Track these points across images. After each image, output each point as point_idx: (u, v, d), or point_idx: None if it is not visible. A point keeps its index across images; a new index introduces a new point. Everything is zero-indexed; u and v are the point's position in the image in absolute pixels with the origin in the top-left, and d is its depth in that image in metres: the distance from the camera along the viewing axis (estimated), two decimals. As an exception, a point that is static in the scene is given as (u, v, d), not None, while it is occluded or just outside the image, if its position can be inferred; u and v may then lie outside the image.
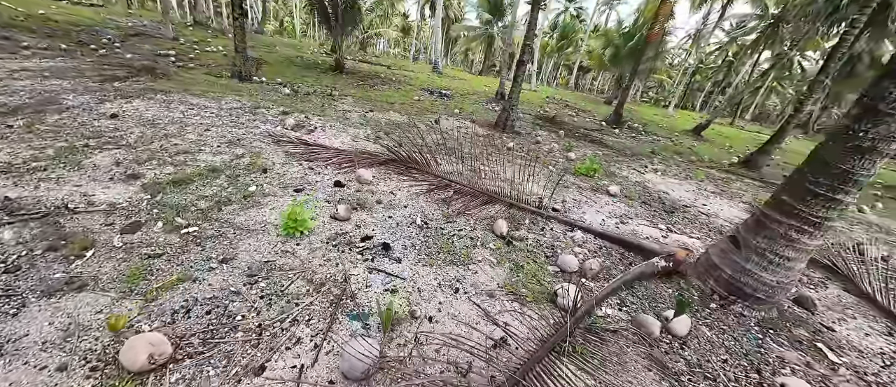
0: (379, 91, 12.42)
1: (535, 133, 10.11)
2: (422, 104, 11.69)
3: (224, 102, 5.94)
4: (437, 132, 7.90)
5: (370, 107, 9.43)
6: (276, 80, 10.50)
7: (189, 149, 3.92)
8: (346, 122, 6.77)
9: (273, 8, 53.52)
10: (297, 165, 4.22)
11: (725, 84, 33.70)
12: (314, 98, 8.79)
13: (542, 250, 3.41)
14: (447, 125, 9.02)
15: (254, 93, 7.45)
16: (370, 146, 5.50)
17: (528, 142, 8.73)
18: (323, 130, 5.69)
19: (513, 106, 9.34)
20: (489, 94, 16.61)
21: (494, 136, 8.71)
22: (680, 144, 13.16)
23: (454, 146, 6.72)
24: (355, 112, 8.17)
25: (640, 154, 9.61)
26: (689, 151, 11.63)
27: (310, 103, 7.72)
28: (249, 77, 8.89)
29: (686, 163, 9.47)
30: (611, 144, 10.64)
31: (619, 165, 7.88)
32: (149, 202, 2.98)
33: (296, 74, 12.69)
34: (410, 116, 9.23)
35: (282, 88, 8.66)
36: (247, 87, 8.11)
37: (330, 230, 3.11)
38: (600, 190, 5.71)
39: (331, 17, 13.52)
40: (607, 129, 14.10)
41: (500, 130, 9.38)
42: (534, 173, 5.72)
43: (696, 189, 6.90)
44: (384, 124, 7.51)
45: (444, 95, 14.32)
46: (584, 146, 9.40)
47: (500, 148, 7.55)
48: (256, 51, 15.94)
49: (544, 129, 11.10)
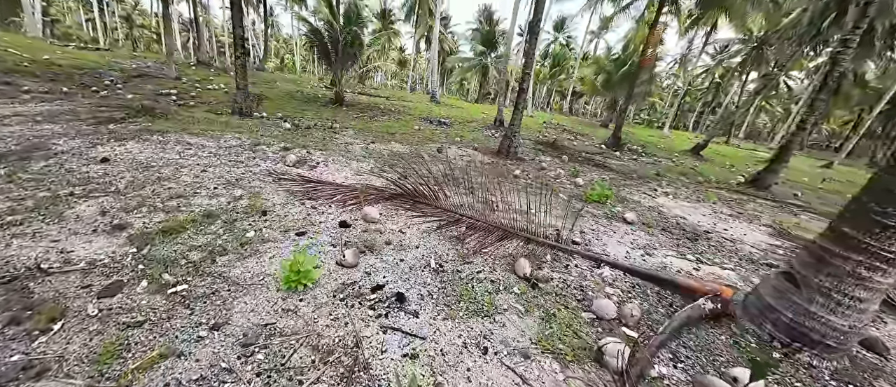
0: (379, 122, 12.35)
1: (538, 159, 9.92)
2: (423, 133, 11.58)
3: (223, 140, 5.71)
4: (442, 161, 7.68)
5: (372, 138, 9.27)
6: (276, 115, 10.40)
7: (183, 192, 3.62)
8: (348, 155, 6.54)
9: (274, 47, 55.18)
10: (299, 205, 3.92)
11: (715, 104, 34.29)
12: (315, 132, 8.63)
13: (572, 293, 3.05)
14: (450, 154, 8.83)
15: (254, 129, 7.27)
16: (375, 180, 5.23)
17: (532, 168, 8.51)
18: (325, 165, 5.44)
19: (515, 132, 9.21)
20: (488, 121, 16.64)
21: (499, 163, 8.50)
22: (682, 165, 13.02)
23: (460, 176, 6.48)
24: (357, 144, 7.98)
25: (646, 177, 9.39)
26: (694, 172, 11.45)
27: (311, 138, 7.53)
28: (250, 113, 8.76)
29: (693, 184, 9.25)
30: (615, 167, 10.45)
31: (628, 190, 7.62)
32: (134, 257, 2.64)
33: (296, 108, 12.65)
34: (412, 146, 9.05)
35: (283, 123, 8.51)
36: (247, 123, 7.94)
37: (337, 280, 2.76)
38: (616, 218, 5.40)
39: (330, 52, 13.69)
40: (608, 152, 14.00)
41: (503, 157, 9.19)
42: (546, 202, 5.44)
43: (712, 212, 6.61)
44: (387, 156, 7.29)
45: (444, 124, 14.30)
46: (590, 170, 9.19)
47: (507, 175, 7.31)
48: (258, 87, 16.05)
49: (547, 154, 10.94)
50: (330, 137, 8.17)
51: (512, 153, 9.26)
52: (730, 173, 12.75)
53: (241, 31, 8.10)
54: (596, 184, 6.82)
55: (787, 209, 7.81)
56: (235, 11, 7.97)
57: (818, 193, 10.92)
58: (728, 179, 10.97)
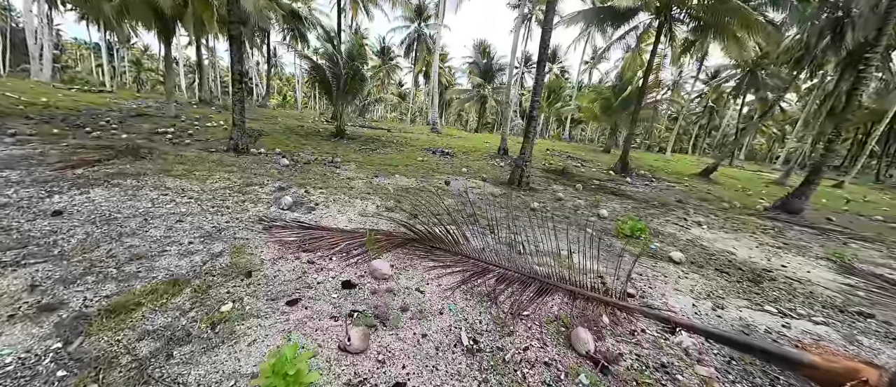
0: (382, 155, 11.80)
1: (551, 188, 9.26)
2: (427, 165, 10.99)
3: (210, 182, 5.03)
4: (452, 195, 6.99)
5: (375, 172, 8.64)
6: (275, 150, 9.83)
7: (148, 252, 2.88)
8: (350, 192, 5.85)
9: (277, 85, 56.30)
10: (292, 260, 3.16)
11: (711, 127, 34.31)
12: (315, 167, 8.00)
13: (656, 379, 2.24)
14: (458, 186, 8.17)
15: (248, 167, 6.61)
16: (382, 222, 4.50)
17: (548, 199, 7.82)
18: (326, 207, 4.73)
19: (526, 162, 8.60)
20: (491, 150, 16.16)
21: (512, 195, 7.81)
22: (697, 189, 12.37)
23: (475, 212, 5.76)
24: (360, 179, 7.32)
25: (667, 204, 8.69)
26: (713, 197, 10.77)
27: (310, 174, 6.87)
28: (246, 149, 8.17)
29: (720, 211, 8.54)
30: (631, 194, 9.78)
31: (655, 220, 6.90)
32: (55, 358, 1.85)
33: (296, 143, 12.14)
34: (418, 179, 8.41)
35: (280, 159, 7.90)
36: (241, 161, 7.31)
37: (340, 378, 1.96)
38: (658, 256, 4.63)
39: (332, 87, 13.40)
40: (618, 178, 13.39)
41: (515, 188, 8.53)
42: (575, 239, 4.68)
43: (758, 244, 5.85)
44: (393, 191, 6.61)
45: (447, 154, 13.77)
46: (608, 199, 8.50)
47: (524, 209, 6.59)
48: (258, 123, 15.67)
49: (558, 182, 10.30)
50: (331, 173, 7.53)
51: (524, 183, 8.61)
52: (748, 197, 12.08)
53: (239, 66, 7.67)
54: (626, 217, 6.08)
55: (830, 237, 7.05)
56: (234, 47, 7.58)
57: (848, 216, 10.20)
58: (751, 203, 10.27)
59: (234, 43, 7.52)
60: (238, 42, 7.52)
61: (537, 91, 8.28)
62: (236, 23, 7.40)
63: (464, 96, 30.54)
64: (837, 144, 8.23)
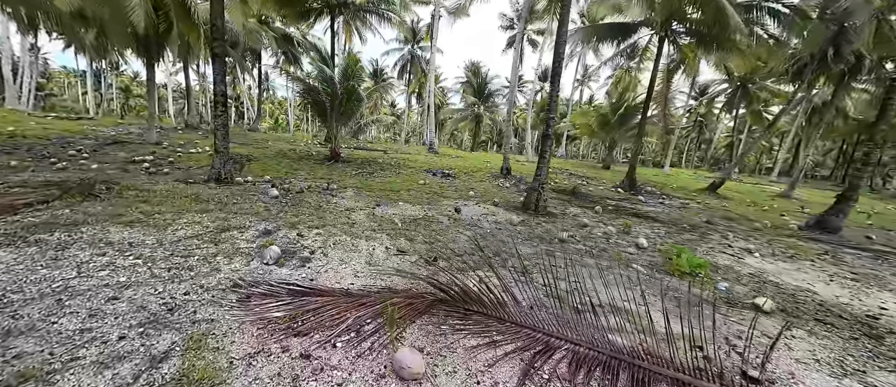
0: (381, 178, 10.82)
1: (569, 212, 8.37)
2: (430, 188, 10.04)
3: (173, 228, 3.93)
4: (466, 226, 6.02)
5: (376, 199, 7.65)
6: (264, 177, 8.78)
7: (44, 361, 1.80)
8: (353, 230, 4.81)
9: (269, 108, 55.44)
10: (278, 356, 2.11)
11: (701, 141, 34.39)
12: (309, 197, 6.96)
13: None
14: (470, 213, 7.21)
15: (229, 202, 5.51)
16: (397, 277, 3.47)
17: (572, 225, 6.89)
18: (324, 255, 3.69)
19: (542, 185, 7.71)
20: (492, 169, 15.34)
21: (531, 222, 6.87)
22: (714, 206, 11.64)
23: (499, 247, 4.79)
24: (361, 210, 6.31)
25: (698, 227, 7.85)
26: (738, 216, 10.01)
27: (303, 208, 5.81)
28: (230, 178, 7.11)
29: (755, 232, 7.73)
30: (654, 215, 8.94)
31: (696, 247, 6.01)
32: None
33: (288, 168, 11.10)
34: (425, 206, 7.43)
35: (269, 189, 6.85)
36: (223, 193, 6.23)
37: None
38: (738, 303, 3.69)
39: (327, 109, 12.53)
40: (627, 195, 12.63)
41: (532, 213, 7.60)
42: (626, 279, 3.72)
43: (829, 276, 4.97)
44: (400, 224, 5.60)
45: (449, 176, 12.87)
46: (636, 223, 7.61)
47: (552, 241, 5.64)
48: (247, 147, 14.62)
49: (573, 204, 9.42)
50: (326, 204, 6.50)
51: (541, 208, 7.69)
52: (770, 214, 11.37)
53: (223, 87, 6.72)
54: (672, 247, 5.16)
55: (889, 260, 6.24)
56: (217, 65, 6.65)
57: (881, 232, 9.49)
58: (779, 221, 9.49)
59: (218, 61, 6.59)
60: (222, 61, 6.60)
61: (553, 107, 7.50)
62: (220, 40, 6.50)
63: (458, 116, 30.07)
64: (875, 156, 7.58)
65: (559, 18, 7.27)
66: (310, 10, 19.50)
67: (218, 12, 6.38)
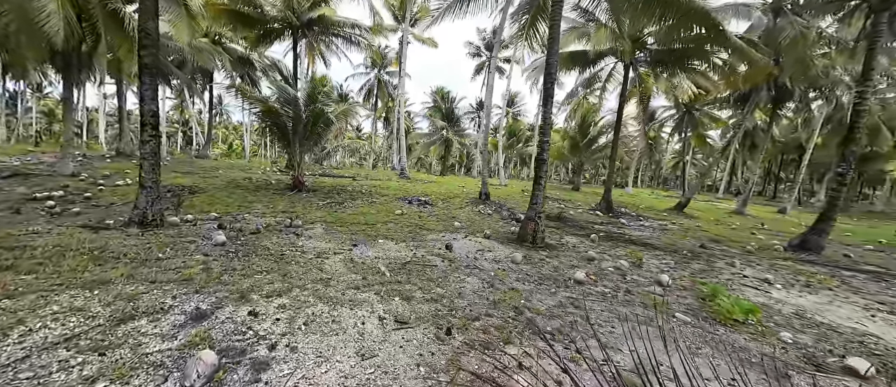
0: (352, 209, 9.50)
1: (566, 241, 7.65)
2: (409, 219, 8.93)
3: (29, 325, 2.36)
4: (464, 268, 4.98)
5: (350, 236, 6.39)
6: (209, 215, 7.16)
7: None
8: (329, 295, 3.50)
9: (222, 133, 51.33)
10: None
11: (651, 162, 36.57)
12: (267, 239, 5.55)
13: None
14: (463, 249, 6.19)
15: (149, 259, 3.86)
16: (411, 374, 2.30)
17: (578, 259, 6.11)
18: (291, 349, 2.36)
19: (539, 214, 6.93)
20: (470, 194, 14.53)
21: (533, 257, 5.99)
22: (691, 227, 11.63)
23: (516, 300, 3.79)
24: (335, 254, 5.04)
25: (695, 252, 7.45)
26: (726, 238, 9.92)
27: (258, 259, 4.41)
28: (160, 220, 5.50)
29: (749, 256, 7.47)
30: (644, 240, 8.50)
31: (706, 275, 5.46)
32: None
33: (242, 200, 9.43)
34: (409, 244, 6.30)
35: (214, 233, 5.34)
36: (143, 245, 4.61)
37: None
38: (827, 364, 2.98)
39: (289, 133, 11.11)
40: (608, 218, 12.36)
41: (530, 246, 6.74)
42: (679, 333, 2.89)
43: (865, 309, 4.54)
44: (388, 272, 4.43)
45: (426, 203, 11.82)
46: (641, 253, 7.02)
47: (567, 283, 4.75)
48: (192, 177, 12.58)
49: (565, 232, 8.76)
50: (291, 249, 5.15)
51: (539, 240, 6.87)
52: (740, 233, 11.52)
53: (153, 106, 5.27)
54: (712, 288, 4.47)
55: (891, 282, 6.10)
56: (147, 78, 5.22)
57: (848, 249, 9.82)
58: (761, 242, 9.48)
59: (148, 74, 5.17)
60: (152, 74, 5.20)
61: (546, 130, 6.88)
62: (151, 49, 5.13)
63: (427, 140, 29.45)
64: (847, 178, 7.78)
65: (549, 34, 6.78)
66: (270, 32, 18.12)
67: (150, 13, 5.05)
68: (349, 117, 15.15)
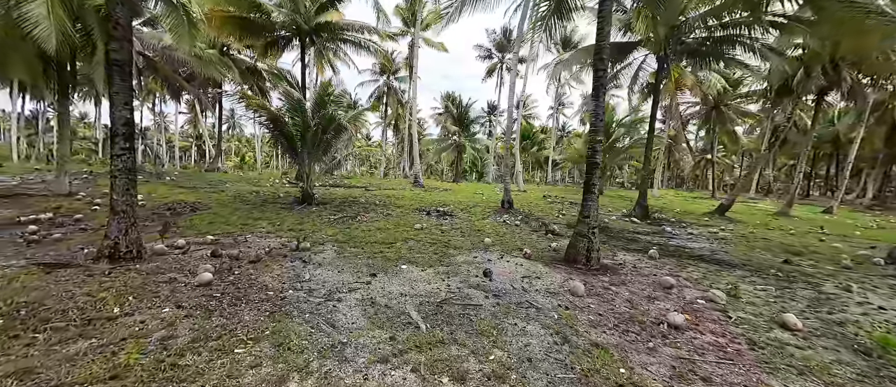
0: (366, 225, 8.36)
1: (618, 258, 6.34)
2: (430, 234, 7.75)
3: None
4: (514, 309, 3.75)
5: (367, 262, 5.23)
6: (205, 238, 6.10)
7: None
8: (341, 379, 2.32)
9: (235, 146, 51.32)
10: None
11: (671, 162, 34.71)
12: (265, 272, 4.42)
13: None
14: (503, 276, 4.95)
15: (90, 319, 2.61)
16: None
17: (649, 286, 4.81)
18: None
19: (593, 230, 5.66)
20: (490, 203, 13.29)
21: (595, 286, 4.71)
22: (746, 234, 10.13)
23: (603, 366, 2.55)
24: (350, 292, 3.88)
25: (785, 271, 6.05)
26: (798, 246, 8.45)
27: (248, 312, 3.16)
28: (137, 252, 4.43)
29: (847, 272, 6.03)
30: (709, 254, 7.12)
31: (829, 307, 4.10)
32: None
33: (246, 217, 8.41)
34: (437, 270, 5.10)
35: (200, 268, 4.23)
36: (93, 293, 3.52)
37: None
38: None
39: (297, 142, 10.10)
40: (649, 226, 10.96)
41: (584, 270, 5.46)
42: None
43: None
44: (420, 320, 3.24)
45: (445, 214, 10.62)
46: (713, 274, 5.67)
47: (661, 330, 3.48)
48: (196, 193, 11.68)
49: (613, 245, 7.43)
50: (294, 288, 4.01)
51: (594, 260, 5.58)
52: (808, 239, 9.98)
53: (126, 112, 4.24)
54: (882, 340, 3.13)
55: None
56: (119, 79, 4.20)
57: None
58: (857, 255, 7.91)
59: (118, 72, 4.15)
60: (123, 72, 4.17)
61: (598, 127, 5.63)
62: (121, 41, 4.12)
63: (439, 146, 28.37)
64: None
65: (599, 12, 5.56)
66: (277, 40, 17.35)
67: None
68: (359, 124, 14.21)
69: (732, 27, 11.19)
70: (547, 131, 37.80)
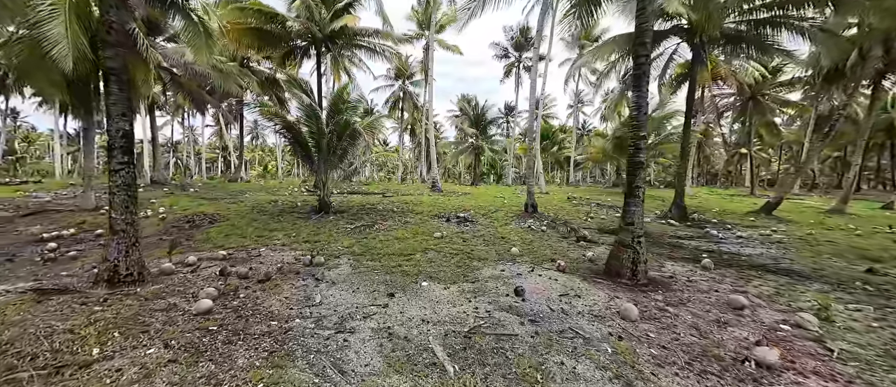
0: (383, 234, 7.89)
1: (665, 268, 5.54)
2: (452, 244, 7.17)
3: None
4: (564, 338, 3.10)
5: (384, 278, 4.72)
6: (216, 254, 5.79)
7: None
8: None
9: (259, 156, 52.76)
10: None
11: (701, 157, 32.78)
12: (274, 294, 3.98)
13: None
14: (537, 295, 4.30)
15: (61, 366, 2.22)
16: None
17: (714, 307, 4.03)
18: None
19: (639, 238, 4.90)
20: (512, 207, 12.56)
21: (649, 307, 3.97)
22: (805, 237, 8.96)
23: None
24: (365, 318, 3.36)
25: (869, 283, 5.07)
26: (864, 250, 7.33)
27: (244, 350, 2.66)
28: (138, 274, 4.09)
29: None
30: (771, 263, 6.17)
31: None
32: None
33: (262, 229, 8.13)
34: (461, 287, 4.52)
35: (203, 293, 3.84)
36: (77, 328, 3.20)
37: None
38: None
39: (312, 150, 9.81)
40: (688, 228, 9.95)
41: (629, 285, 4.72)
42: None
43: None
44: (446, 361, 2.66)
45: (466, 220, 10.00)
46: (779, 286, 4.79)
47: (745, 369, 2.74)
48: (216, 204, 11.64)
49: (658, 254, 6.60)
50: (302, 314, 3.53)
51: (641, 274, 4.83)
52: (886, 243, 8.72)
53: (123, 123, 3.93)
54: None
55: None
56: (115, 88, 3.90)
57: None
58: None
59: (114, 81, 3.85)
60: (120, 80, 3.87)
61: (641, 120, 4.90)
62: (115, 48, 3.81)
63: (456, 149, 27.83)
64: None
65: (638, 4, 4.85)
66: (294, 49, 17.37)
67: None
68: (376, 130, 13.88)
69: (778, 7, 10.07)
70: (566, 131, 36.54)
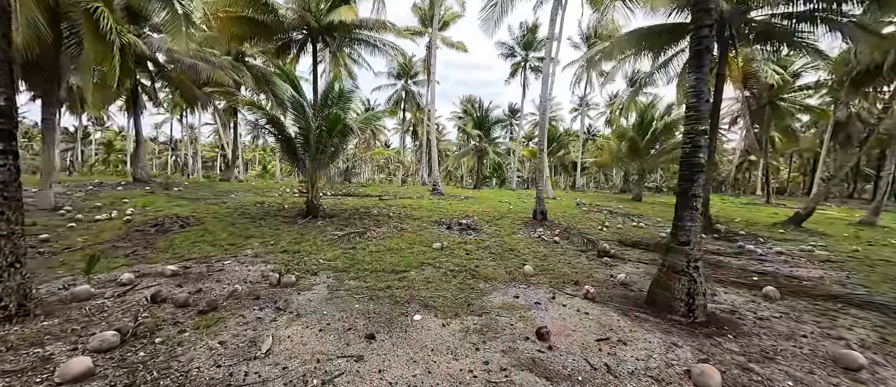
0: (374, 245, 6.76)
1: (722, 299, 4.39)
2: (452, 257, 6.05)
3: None
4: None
5: (366, 307, 3.59)
6: (165, 270, 4.67)
7: None
8: None
9: (259, 156, 51.74)
10: None
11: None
12: (200, 343, 2.86)
13: None
14: (564, 335, 3.15)
15: None
16: None
17: (817, 366, 2.88)
18: None
19: (695, 264, 3.76)
20: (519, 213, 11.43)
21: (725, 361, 2.83)
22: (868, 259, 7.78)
23: None
24: (324, 384, 2.24)
25: None
26: None
27: None
28: (17, 309, 2.97)
29: None
30: (841, 291, 5.01)
31: None
32: None
33: (236, 236, 7.01)
34: (464, 322, 3.39)
35: (94, 337, 2.71)
36: None
37: None
38: None
39: (297, 146, 8.72)
40: (716, 241, 8.79)
41: (683, 323, 3.57)
42: None
43: None
44: None
45: (469, 228, 8.89)
46: (871, 323, 3.64)
47: None
48: (196, 204, 10.53)
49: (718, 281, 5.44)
50: (236, 363, 2.40)
51: (698, 309, 3.68)
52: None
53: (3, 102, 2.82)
54: None
55: None
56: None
57: None
58: None
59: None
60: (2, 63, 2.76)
61: (702, 112, 3.77)
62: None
63: (459, 151, 26.74)
64: None
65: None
66: (289, 42, 16.33)
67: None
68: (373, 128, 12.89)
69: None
70: (571, 134, 35.43)
